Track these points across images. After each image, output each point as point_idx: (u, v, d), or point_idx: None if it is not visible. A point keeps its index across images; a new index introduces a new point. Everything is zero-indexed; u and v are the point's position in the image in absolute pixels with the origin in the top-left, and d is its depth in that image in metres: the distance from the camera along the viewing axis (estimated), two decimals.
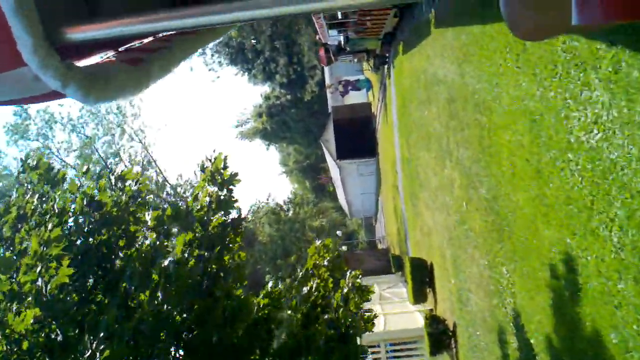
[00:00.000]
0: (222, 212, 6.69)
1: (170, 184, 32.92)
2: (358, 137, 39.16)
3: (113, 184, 6.55)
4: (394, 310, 16.36)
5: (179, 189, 34.52)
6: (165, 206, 7.38)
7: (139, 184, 6.69)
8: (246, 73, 56.58)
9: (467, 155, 9.31)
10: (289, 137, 68.79)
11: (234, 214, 7.00)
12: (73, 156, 31.69)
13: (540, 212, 5.66)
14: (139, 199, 6.62)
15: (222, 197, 6.66)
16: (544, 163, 5.41)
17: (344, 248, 52.40)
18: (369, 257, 34.29)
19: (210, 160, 6.74)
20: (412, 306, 15.86)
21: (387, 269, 30.99)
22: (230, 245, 6.74)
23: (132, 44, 1.79)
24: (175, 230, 6.56)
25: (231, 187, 6.70)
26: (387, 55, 22.30)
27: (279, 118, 64.16)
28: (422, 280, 15.06)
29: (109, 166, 32.23)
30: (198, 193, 6.81)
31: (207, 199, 6.66)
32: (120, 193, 6.53)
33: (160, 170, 33.02)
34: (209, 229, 6.50)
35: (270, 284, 7.58)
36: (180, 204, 7.14)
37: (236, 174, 6.62)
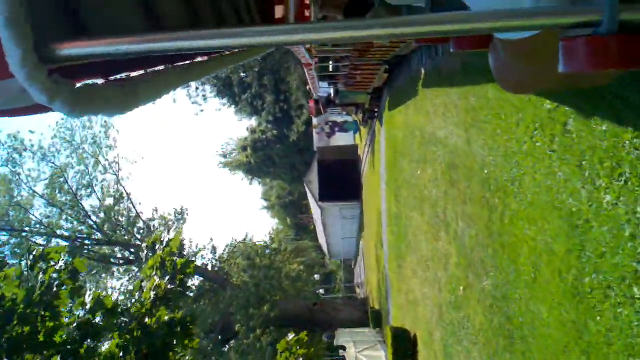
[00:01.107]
0: (171, 308, 5.28)
1: (142, 220, 31.24)
2: (342, 180, 37.99)
3: (31, 267, 5.10)
4: None
5: (151, 224, 32.88)
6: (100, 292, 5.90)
7: (69, 265, 5.26)
8: (233, 105, 55.46)
9: (468, 233, 8.02)
10: (272, 172, 67.54)
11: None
12: (42, 185, 30.06)
13: (577, 344, 4.33)
14: (64, 283, 5.18)
15: (172, 289, 5.26)
16: (588, 286, 4.10)
17: (322, 291, 50.87)
18: (346, 306, 32.72)
19: (162, 243, 5.37)
20: None
21: (364, 320, 29.48)
22: (177, 349, 5.30)
23: (123, 74, 1.71)
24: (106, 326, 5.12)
25: (184, 277, 5.31)
26: (376, 110, 22.25)
27: (264, 152, 62.97)
28: (405, 354, 13.61)
29: (79, 197, 30.61)
30: (142, 282, 5.40)
31: (152, 292, 5.25)
32: (40, 276, 5.09)
33: (133, 204, 31.38)
34: (150, 328, 5.07)
35: None
36: (115, 300, 5.74)
37: (191, 262, 5.23)
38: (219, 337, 28.85)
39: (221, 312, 26.50)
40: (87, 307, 5.21)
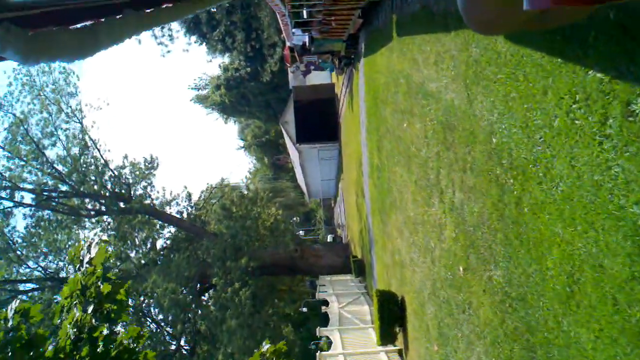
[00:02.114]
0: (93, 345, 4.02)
1: (111, 169, 29.65)
2: (320, 121, 36.65)
3: None
4: (355, 350, 13.94)
5: (123, 172, 31.33)
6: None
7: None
8: (204, 43, 53.05)
9: (469, 208, 6.83)
10: (247, 111, 65.67)
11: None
12: (1, 136, 28.23)
13: None
14: None
15: (97, 326, 3.98)
16: None
17: (301, 233, 50.15)
18: (328, 252, 31.92)
19: (81, 262, 4.06)
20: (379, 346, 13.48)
21: (347, 267, 28.78)
22: None
23: (85, 23, 1.65)
24: None
25: (114, 307, 4.03)
26: (352, 57, 22.05)
27: (238, 91, 60.94)
28: (392, 318, 12.66)
29: (42, 147, 28.86)
30: (60, 318, 4.10)
31: (71, 330, 3.96)
32: None
33: (100, 152, 29.71)
34: None
35: None
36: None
37: (124, 284, 3.95)
38: (197, 288, 27.98)
39: (197, 265, 25.46)
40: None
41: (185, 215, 31.57)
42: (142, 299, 28.06)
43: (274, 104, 59.80)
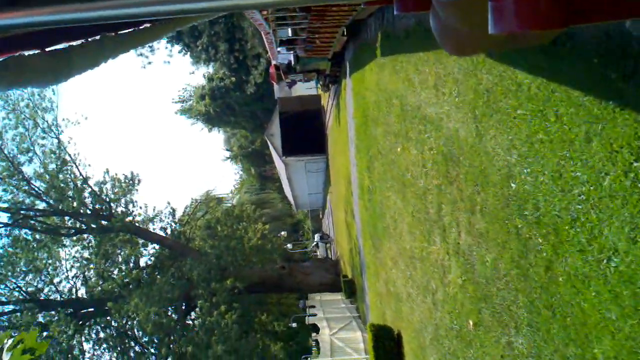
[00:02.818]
0: None
1: (90, 186, 28.51)
2: (306, 133, 35.81)
3: None
4: None
5: (104, 188, 30.16)
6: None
7: None
8: (188, 53, 51.98)
9: (480, 256, 5.93)
10: (233, 121, 64.60)
11: None
12: None
13: None
14: None
15: None
16: None
17: (289, 246, 49.09)
18: (317, 269, 30.94)
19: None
20: None
21: (336, 284, 27.85)
22: None
23: (62, 45, 1.62)
24: None
25: None
26: (337, 75, 22.05)
27: (223, 101, 59.86)
28: (388, 355, 11.73)
29: (18, 164, 27.70)
30: None
31: None
32: None
33: (79, 168, 28.56)
34: None
35: None
36: None
37: None
38: (182, 308, 26.89)
39: (181, 286, 24.37)
40: None
41: (169, 231, 30.45)
42: (124, 320, 26.95)
43: (259, 114, 58.91)
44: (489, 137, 5.38)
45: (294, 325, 29.00)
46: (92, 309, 28.18)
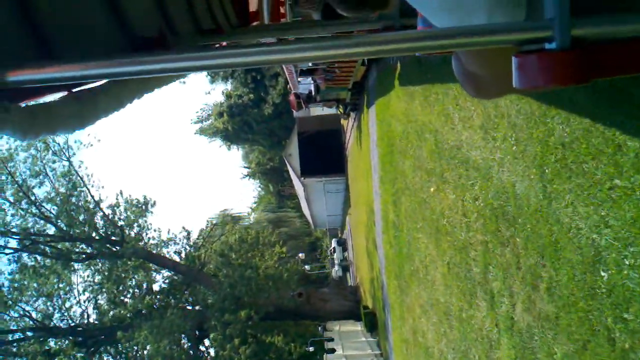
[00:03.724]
0: None
1: (102, 210, 27.64)
2: (325, 153, 34.77)
3: None
4: None
5: (117, 211, 29.25)
6: None
7: None
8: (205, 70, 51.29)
9: (546, 345, 4.75)
10: (251, 138, 63.85)
11: None
12: None
13: None
14: None
15: None
16: None
17: (307, 268, 47.90)
18: (335, 295, 29.74)
19: None
20: None
21: (355, 312, 26.67)
22: None
23: (87, 87, 1.63)
24: None
25: None
26: (357, 103, 22.28)
27: (241, 118, 59.19)
28: None
29: (27, 188, 26.91)
30: None
31: None
32: None
33: (90, 192, 27.71)
34: None
35: None
36: None
37: None
38: (195, 337, 25.80)
39: (193, 317, 23.30)
40: None
41: (183, 255, 29.43)
42: (135, 351, 25.94)
43: (277, 131, 58.12)
44: (563, 204, 4.22)
45: (311, 349, 27.83)
46: (102, 337, 27.20)
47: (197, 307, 24.70)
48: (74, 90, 1.49)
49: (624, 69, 1.24)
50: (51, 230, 28.05)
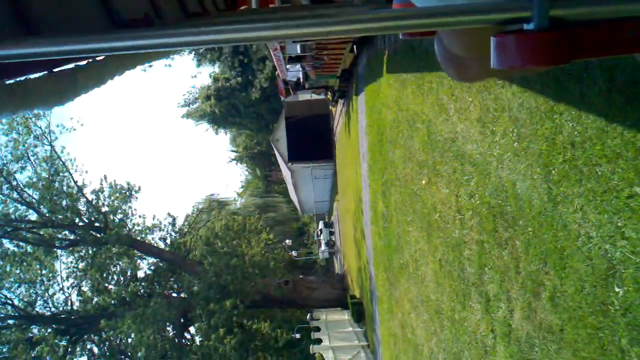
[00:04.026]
0: None
1: (85, 196, 27.07)
2: (313, 138, 34.31)
3: None
4: None
5: (101, 196, 28.68)
6: None
7: None
8: (192, 52, 50.55)
9: (543, 351, 4.40)
10: (238, 122, 63.22)
11: None
12: None
13: None
14: None
15: None
16: None
17: (294, 253, 47.61)
18: (322, 283, 29.46)
19: None
20: None
21: (342, 301, 26.37)
22: None
23: (68, 66, 1.62)
24: None
25: None
26: (345, 90, 22.18)
27: (228, 102, 58.51)
28: None
29: (9, 172, 26.29)
30: None
31: None
32: None
33: (72, 177, 27.11)
34: None
35: None
36: None
37: None
38: (180, 324, 25.39)
39: (177, 305, 22.91)
40: None
41: (168, 241, 28.93)
42: (118, 340, 25.53)
43: (265, 115, 57.56)
44: (571, 209, 3.85)
45: (298, 336, 27.57)
46: (85, 325, 26.72)
47: (182, 295, 24.20)
48: (54, 70, 1.45)
49: (602, 50, 1.21)
50: (33, 216, 27.46)
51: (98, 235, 27.35)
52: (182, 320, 25.48)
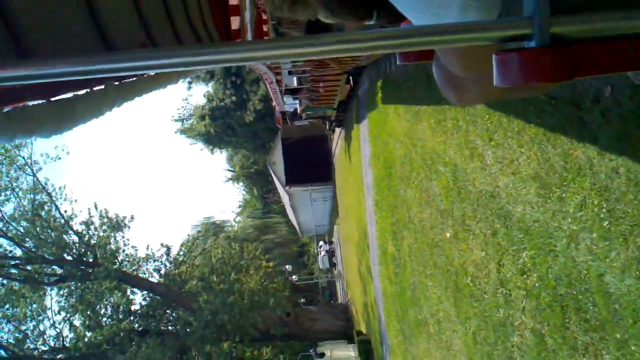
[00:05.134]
0: None
1: (72, 229, 25.67)
2: (311, 160, 33.14)
3: None
4: None
5: (90, 227, 27.26)
6: None
7: None
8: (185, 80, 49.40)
9: None
10: (234, 141, 62.05)
11: None
12: None
13: None
14: None
15: None
16: None
17: (294, 278, 46.09)
18: (324, 313, 28.00)
19: None
20: None
21: (346, 332, 24.99)
22: None
23: (66, 95, 1.63)
24: None
25: None
26: (342, 119, 22.25)
27: (223, 121, 57.38)
28: None
29: None
30: None
31: None
32: None
33: (58, 209, 25.76)
34: None
35: None
36: None
37: None
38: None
39: (172, 345, 21.40)
40: None
41: (162, 272, 27.46)
42: None
43: (261, 134, 56.45)
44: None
45: None
46: None
47: (177, 331, 22.73)
48: (52, 99, 1.44)
49: (605, 68, 1.14)
50: (18, 252, 26.07)
51: (88, 270, 25.96)
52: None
